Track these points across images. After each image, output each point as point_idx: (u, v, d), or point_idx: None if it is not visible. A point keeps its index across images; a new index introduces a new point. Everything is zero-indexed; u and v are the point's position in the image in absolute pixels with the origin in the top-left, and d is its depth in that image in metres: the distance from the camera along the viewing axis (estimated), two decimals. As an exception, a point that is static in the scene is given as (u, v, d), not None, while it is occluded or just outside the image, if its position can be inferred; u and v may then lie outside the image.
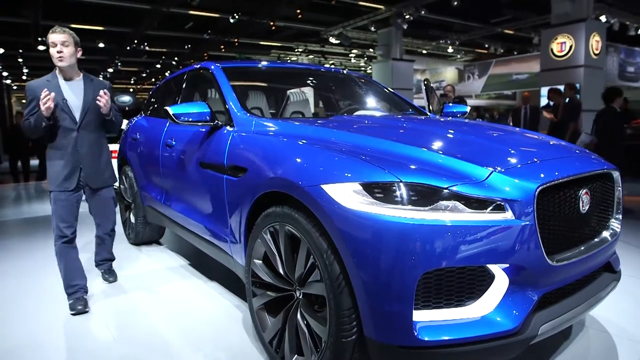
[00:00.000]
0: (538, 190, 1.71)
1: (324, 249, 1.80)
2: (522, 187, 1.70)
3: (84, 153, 2.99)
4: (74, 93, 2.97)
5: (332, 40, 17.76)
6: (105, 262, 3.53)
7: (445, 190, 1.66)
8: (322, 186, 1.79)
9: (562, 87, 9.09)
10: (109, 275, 3.52)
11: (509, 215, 1.66)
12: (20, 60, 20.90)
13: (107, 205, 3.23)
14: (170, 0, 12.68)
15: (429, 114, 3.64)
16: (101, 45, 17.48)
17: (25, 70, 24.27)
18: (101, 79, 3.18)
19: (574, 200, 1.90)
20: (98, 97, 2.91)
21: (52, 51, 2.87)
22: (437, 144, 2.14)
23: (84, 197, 3.12)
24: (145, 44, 18.27)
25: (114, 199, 3.29)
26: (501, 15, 15.87)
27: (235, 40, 18.05)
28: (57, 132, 2.94)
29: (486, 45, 20.72)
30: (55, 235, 2.96)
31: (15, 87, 32.60)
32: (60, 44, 2.86)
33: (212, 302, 3.10)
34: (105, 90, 2.95)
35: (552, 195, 1.81)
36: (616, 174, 2.23)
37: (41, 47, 15.75)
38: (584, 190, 1.94)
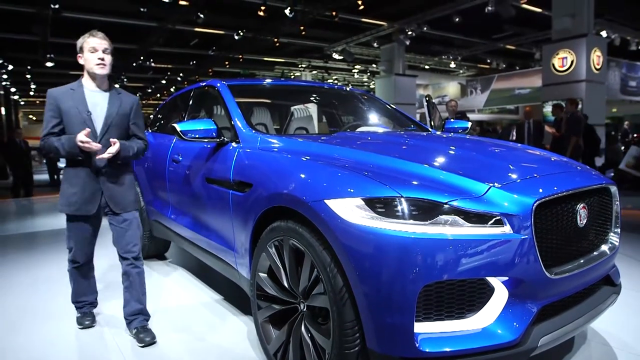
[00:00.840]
0: (535, 204, 1.76)
1: (328, 262, 1.85)
2: (519, 201, 1.75)
3: (105, 173, 2.66)
4: (98, 105, 2.66)
5: (335, 56, 18.01)
6: (137, 316, 2.77)
7: (445, 205, 1.72)
8: (326, 201, 1.85)
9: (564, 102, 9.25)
10: (144, 334, 2.71)
11: (507, 229, 1.71)
12: (28, 76, 21.24)
13: (131, 231, 2.75)
14: (175, 17, 12.93)
15: (430, 129, 3.70)
16: (108, 61, 17.72)
17: (32, 86, 24.64)
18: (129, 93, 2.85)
19: (571, 215, 1.95)
20: (108, 152, 2.55)
21: (91, 57, 2.59)
22: (437, 160, 2.20)
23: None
24: (151, 60, 18.58)
25: (138, 225, 2.83)
26: (502, 31, 16.06)
27: (240, 56, 18.31)
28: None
29: (488, 61, 20.93)
30: (68, 258, 2.82)
31: (22, 103, 33.02)
32: (102, 50, 2.61)
33: (217, 315, 3.14)
34: (113, 140, 2.57)
35: (550, 209, 1.85)
36: (614, 189, 2.27)
37: (49, 64, 16.01)
38: (582, 205, 1.99)
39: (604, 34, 13.48)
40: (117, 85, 2.74)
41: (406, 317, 1.66)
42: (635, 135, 15.34)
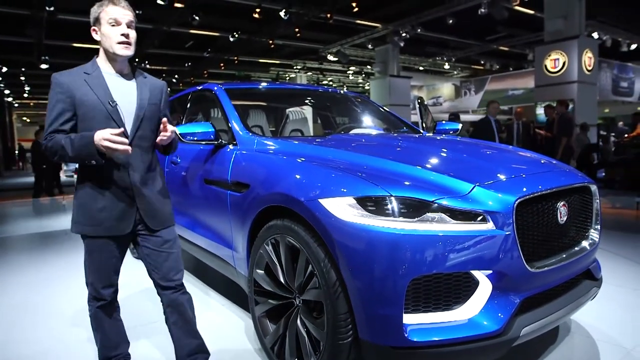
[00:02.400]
0: (517, 202, 1.87)
1: (322, 258, 1.95)
2: (502, 200, 1.86)
3: (138, 180, 2.05)
4: (124, 93, 2.04)
5: (330, 57, 18.14)
6: (195, 357, 2.24)
7: (432, 204, 1.82)
8: (320, 200, 1.95)
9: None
10: None
11: (490, 225, 1.82)
12: (22, 78, 21.24)
13: (174, 254, 2.17)
14: (171, 19, 13.00)
15: (422, 131, 3.81)
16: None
17: (26, 89, 24.62)
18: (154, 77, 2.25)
19: (552, 212, 2.06)
20: (161, 134, 2.02)
21: (112, 32, 1.95)
22: (426, 161, 2.30)
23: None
24: (147, 61, 18.63)
25: (178, 244, 2.23)
26: (496, 32, 16.24)
27: (235, 58, 18.40)
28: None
29: (482, 62, 21.11)
30: (88, 295, 2.13)
31: (16, 105, 32.94)
32: (127, 24, 1.99)
33: (215, 312, 3.23)
34: (166, 119, 2.05)
35: (531, 207, 1.96)
36: (594, 187, 2.39)
37: (44, 66, 16.03)
38: (562, 203, 2.10)
39: (595, 35, 13.67)
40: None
41: (395, 308, 1.76)
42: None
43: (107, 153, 1.85)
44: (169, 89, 2.27)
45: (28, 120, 42.54)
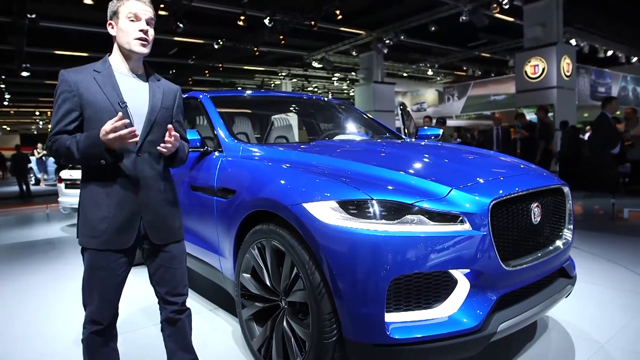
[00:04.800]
0: (492, 204, 1.96)
1: (306, 260, 2.01)
2: (477, 202, 1.95)
3: (146, 189, 1.90)
4: (136, 95, 1.92)
5: (315, 64, 18.25)
6: None
7: (412, 206, 1.90)
8: (304, 204, 2.02)
9: (524, 110, 10.05)
10: None
11: (467, 226, 1.90)
12: (2, 86, 20.94)
13: (181, 270, 2.05)
14: (155, 26, 12.96)
15: (404, 137, 3.90)
16: (86, 71, 17.62)
17: (7, 96, 24.25)
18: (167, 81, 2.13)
19: (526, 213, 2.15)
20: (165, 142, 1.85)
21: (130, 27, 1.85)
22: (407, 166, 2.39)
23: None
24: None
25: (185, 257, 2.11)
26: (477, 39, 16.54)
27: (220, 65, 18.41)
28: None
29: (464, 68, 21.44)
30: (85, 318, 1.89)
31: (-3, 113, 32.40)
32: (147, 20, 1.89)
33: (201, 316, 3.26)
34: (170, 126, 1.86)
35: (506, 208, 2.06)
36: (566, 189, 2.50)
37: (25, 74, 15.84)
38: (536, 204, 2.20)
39: (573, 42, 14.03)
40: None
41: (377, 307, 1.83)
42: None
43: (115, 147, 1.72)
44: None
45: (8, 129, 41.87)
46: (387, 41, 15.16)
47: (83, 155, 1.75)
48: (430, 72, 22.11)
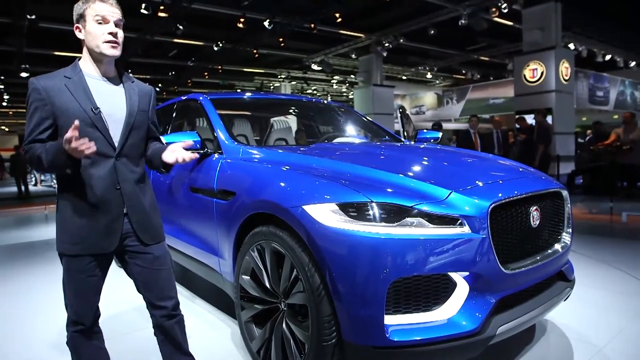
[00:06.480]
0: (491, 207, 1.96)
1: (306, 262, 2.02)
2: (477, 205, 1.95)
3: (129, 191, 1.90)
4: (110, 99, 1.87)
5: (314, 67, 18.30)
6: None
7: (411, 209, 1.91)
8: (304, 207, 2.02)
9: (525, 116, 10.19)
10: None
11: (466, 229, 1.91)
12: (1, 87, 20.94)
13: (165, 271, 2.02)
14: (155, 28, 13.01)
15: (403, 140, 3.92)
16: (86, 72, 17.63)
17: (6, 97, 24.25)
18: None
19: (525, 216, 2.16)
20: (176, 157, 1.95)
21: (98, 30, 1.80)
22: (406, 169, 2.39)
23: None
24: (130, 70, 18.50)
25: (169, 259, 2.09)
26: (476, 42, 16.59)
27: (219, 67, 18.44)
28: (84, 162, 1.79)
29: (463, 71, 21.51)
30: (67, 319, 1.93)
31: (-5, 114, 32.38)
32: (115, 22, 1.83)
33: (201, 318, 3.26)
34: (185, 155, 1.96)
35: (505, 211, 2.06)
36: (565, 193, 2.51)
37: (24, 74, 15.84)
38: (535, 207, 2.20)
39: (571, 46, 14.06)
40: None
41: (377, 310, 1.83)
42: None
43: (78, 157, 1.66)
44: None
45: (7, 130, 41.81)
46: (387, 44, 15.22)
47: (49, 165, 1.72)
48: (429, 75, 22.18)
